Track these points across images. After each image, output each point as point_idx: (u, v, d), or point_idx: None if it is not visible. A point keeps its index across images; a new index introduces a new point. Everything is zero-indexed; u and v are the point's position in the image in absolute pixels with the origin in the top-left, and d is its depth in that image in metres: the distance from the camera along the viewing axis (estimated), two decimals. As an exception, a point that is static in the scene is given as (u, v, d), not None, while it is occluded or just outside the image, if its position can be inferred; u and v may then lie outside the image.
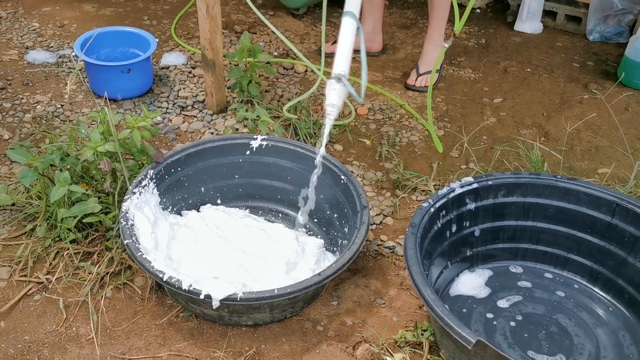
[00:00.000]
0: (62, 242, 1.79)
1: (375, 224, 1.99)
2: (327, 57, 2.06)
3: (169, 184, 1.85)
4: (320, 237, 1.89)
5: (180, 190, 1.89)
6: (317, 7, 3.32)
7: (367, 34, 2.80)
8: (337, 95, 1.64)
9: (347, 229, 1.79)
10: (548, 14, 3.26)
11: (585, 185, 1.72)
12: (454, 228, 1.71)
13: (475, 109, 2.59)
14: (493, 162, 2.21)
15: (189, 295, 1.48)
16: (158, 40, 2.68)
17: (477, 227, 1.75)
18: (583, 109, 2.59)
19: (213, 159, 1.92)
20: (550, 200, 1.75)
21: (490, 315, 1.66)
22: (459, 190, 1.69)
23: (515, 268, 1.81)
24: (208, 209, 1.91)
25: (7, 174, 2.06)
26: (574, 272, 1.79)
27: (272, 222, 1.93)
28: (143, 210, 1.70)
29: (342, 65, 1.66)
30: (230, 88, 2.48)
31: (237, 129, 2.33)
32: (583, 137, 2.43)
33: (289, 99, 2.54)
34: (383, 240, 1.93)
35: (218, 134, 2.32)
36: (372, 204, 2.05)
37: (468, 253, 1.77)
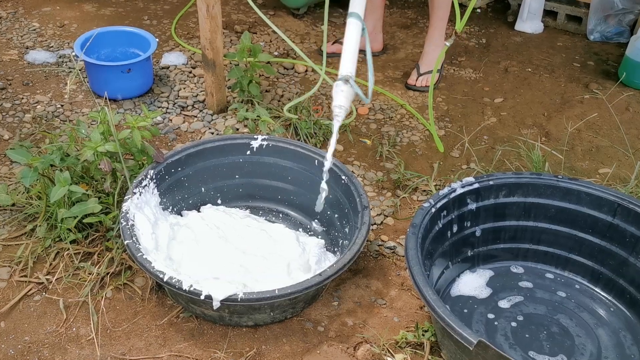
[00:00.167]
0: (62, 242, 1.78)
1: (376, 224, 1.99)
2: (328, 57, 2.07)
3: (169, 184, 1.85)
4: (321, 237, 1.89)
5: (181, 191, 1.89)
6: (317, 7, 3.32)
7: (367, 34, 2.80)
8: (344, 97, 1.62)
9: (347, 229, 1.79)
10: (549, 14, 3.25)
11: (587, 186, 1.72)
12: (455, 228, 1.71)
13: (476, 109, 2.58)
14: (494, 162, 2.21)
15: (190, 296, 1.47)
16: (158, 40, 2.67)
17: (478, 227, 1.75)
18: (584, 109, 2.59)
19: (213, 159, 1.91)
20: (552, 201, 1.75)
21: (492, 316, 1.66)
22: (460, 191, 1.68)
23: (517, 268, 1.81)
24: (208, 209, 1.90)
25: (7, 174, 2.05)
26: (575, 272, 1.78)
27: (272, 222, 1.93)
28: (143, 211, 1.70)
29: (348, 67, 1.65)
30: (231, 88, 2.47)
31: (237, 129, 2.33)
32: (584, 137, 2.43)
33: (290, 99, 2.53)
34: (384, 241, 1.93)
35: (218, 134, 2.32)
36: (372, 204, 2.05)
37: (469, 253, 1.77)
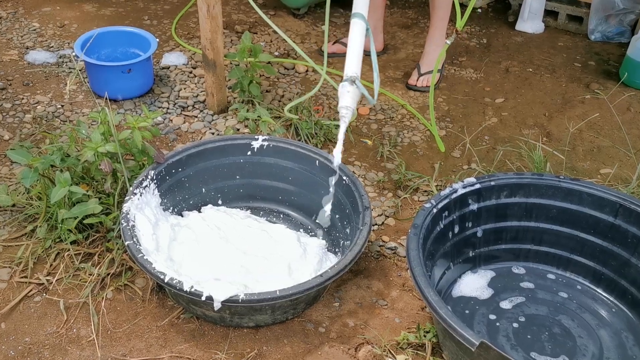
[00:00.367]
0: (62, 243, 1.78)
1: (377, 225, 1.98)
2: (328, 57, 2.06)
3: (170, 185, 1.84)
4: (322, 237, 1.88)
5: (181, 191, 1.88)
6: (317, 7, 3.31)
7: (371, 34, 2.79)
8: (351, 98, 1.62)
9: (348, 230, 1.78)
10: (549, 14, 3.25)
11: (588, 186, 1.72)
12: (457, 229, 1.70)
13: (477, 109, 2.58)
14: (495, 162, 2.20)
15: (191, 297, 1.47)
16: (158, 40, 2.67)
17: (479, 227, 1.75)
18: (585, 109, 2.58)
19: (214, 160, 1.91)
20: (553, 201, 1.74)
21: (493, 317, 1.66)
22: (462, 191, 1.68)
23: (518, 269, 1.81)
24: (209, 210, 1.90)
25: (7, 175, 2.05)
26: (577, 273, 1.78)
27: (273, 222, 1.93)
28: (144, 211, 1.69)
29: (354, 67, 1.64)
30: (231, 88, 2.47)
31: (238, 129, 2.33)
32: (585, 137, 2.42)
33: (290, 99, 2.53)
34: (385, 241, 1.93)
35: (219, 134, 2.31)
36: (373, 205, 2.04)
37: (470, 254, 1.77)
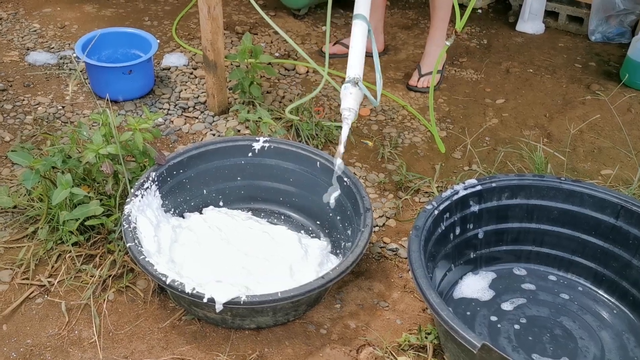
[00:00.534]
0: (64, 244, 1.78)
1: (378, 226, 1.98)
2: (329, 58, 2.06)
3: (171, 186, 1.84)
4: (323, 239, 1.88)
5: (183, 193, 1.88)
6: (318, 7, 3.31)
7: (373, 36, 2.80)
8: (353, 99, 1.61)
9: (350, 231, 1.78)
10: (550, 14, 3.25)
11: (590, 187, 1.72)
12: (458, 230, 1.71)
13: (478, 110, 2.58)
14: (496, 163, 2.20)
15: (192, 299, 1.47)
16: (159, 41, 2.67)
17: (480, 229, 1.75)
18: (586, 110, 2.58)
19: (215, 161, 1.91)
20: (554, 203, 1.74)
21: (494, 318, 1.66)
22: (463, 193, 1.68)
23: (519, 270, 1.81)
24: (210, 211, 1.90)
25: (8, 176, 2.05)
26: (578, 274, 1.78)
27: (274, 224, 1.93)
28: (145, 213, 1.69)
29: (356, 69, 1.64)
30: (232, 89, 2.47)
31: (238, 131, 2.33)
32: (586, 138, 2.42)
33: (291, 100, 2.53)
34: (386, 243, 1.93)
35: (220, 136, 2.31)
36: (374, 206, 2.04)
37: (472, 255, 1.77)
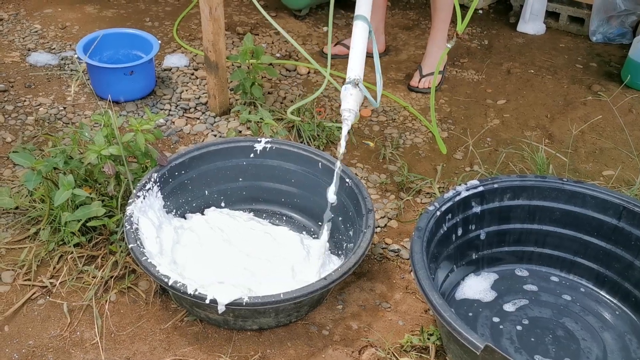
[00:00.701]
0: (65, 245, 1.78)
1: (380, 227, 1.98)
2: (331, 58, 2.06)
3: (173, 187, 1.84)
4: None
5: (184, 194, 1.88)
6: (319, 8, 3.31)
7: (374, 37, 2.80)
8: (354, 100, 1.61)
9: (352, 232, 1.78)
10: (551, 15, 3.25)
11: (592, 189, 1.72)
12: (460, 231, 1.70)
13: (479, 111, 2.58)
14: (498, 164, 2.20)
15: (194, 300, 1.47)
16: (160, 42, 2.67)
17: (482, 230, 1.75)
18: (587, 111, 2.58)
19: (217, 162, 1.91)
20: (557, 203, 1.74)
21: (497, 319, 1.65)
22: (465, 194, 1.68)
23: (521, 271, 1.81)
24: (212, 212, 1.90)
25: (10, 177, 2.05)
26: (580, 275, 1.78)
27: (276, 225, 1.93)
28: (147, 214, 1.69)
29: (357, 69, 1.64)
30: (233, 90, 2.47)
31: (240, 132, 2.32)
32: (587, 139, 2.42)
33: (292, 101, 2.53)
34: (388, 244, 1.93)
35: (221, 136, 2.31)
36: (376, 207, 2.04)
37: (474, 256, 1.77)
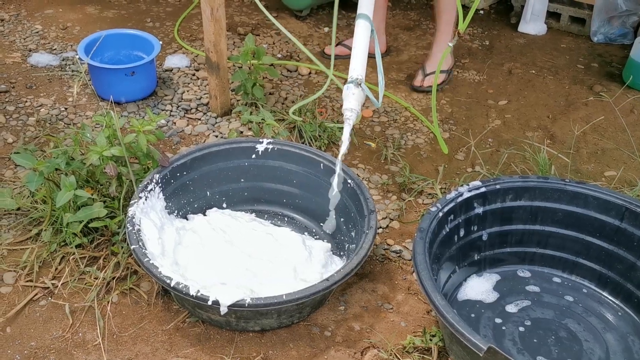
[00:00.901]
0: (67, 246, 1.78)
1: (382, 228, 1.98)
2: (332, 58, 2.06)
3: (175, 188, 1.84)
4: (327, 241, 1.88)
5: (186, 195, 1.88)
6: (320, 8, 3.31)
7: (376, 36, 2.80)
8: (356, 100, 1.61)
9: (354, 233, 1.78)
10: (552, 15, 3.25)
11: (594, 189, 1.71)
12: (462, 232, 1.70)
13: (480, 111, 2.58)
14: (500, 165, 2.20)
15: (197, 301, 1.47)
16: (161, 43, 2.67)
17: (485, 231, 1.75)
18: (588, 111, 2.58)
19: (219, 163, 1.91)
20: (559, 204, 1.74)
21: (499, 320, 1.65)
22: (467, 195, 1.68)
23: (524, 272, 1.80)
24: (214, 213, 1.90)
25: (11, 178, 2.05)
26: (583, 276, 1.78)
27: (278, 225, 1.93)
28: (149, 215, 1.69)
29: (359, 69, 1.64)
30: (234, 90, 2.47)
31: (241, 132, 2.32)
32: (589, 139, 2.42)
33: (293, 102, 2.52)
34: (390, 244, 1.92)
35: (222, 137, 2.31)
36: (378, 208, 2.04)
37: (476, 257, 1.77)
